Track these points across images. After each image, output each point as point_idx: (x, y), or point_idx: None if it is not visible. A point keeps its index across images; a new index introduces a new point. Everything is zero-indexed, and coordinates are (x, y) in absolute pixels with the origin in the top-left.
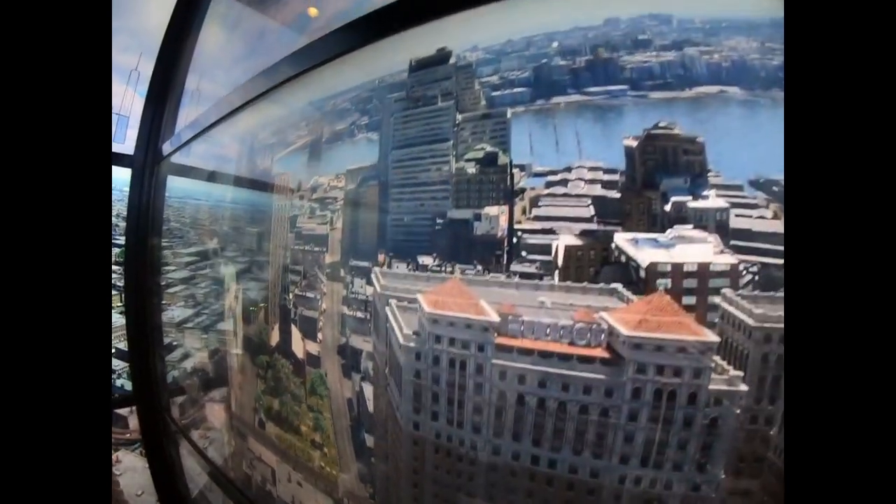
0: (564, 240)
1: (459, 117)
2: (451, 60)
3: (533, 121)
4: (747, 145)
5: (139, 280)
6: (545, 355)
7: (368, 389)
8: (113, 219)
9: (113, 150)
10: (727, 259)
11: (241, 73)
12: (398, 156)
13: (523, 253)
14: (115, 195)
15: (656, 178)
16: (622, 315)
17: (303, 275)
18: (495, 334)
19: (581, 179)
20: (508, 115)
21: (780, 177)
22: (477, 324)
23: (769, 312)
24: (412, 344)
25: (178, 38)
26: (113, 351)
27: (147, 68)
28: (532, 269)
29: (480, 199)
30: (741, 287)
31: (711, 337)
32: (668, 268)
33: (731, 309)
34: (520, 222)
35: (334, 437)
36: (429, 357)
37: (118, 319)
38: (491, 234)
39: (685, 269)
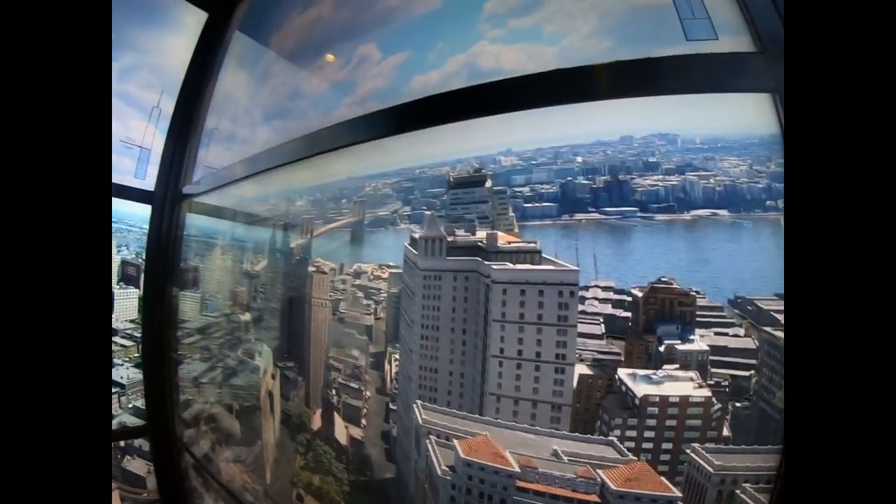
0: (578, 369)
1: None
2: (487, 184)
3: (559, 236)
4: (730, 265)
5: (159, 330)
6: (554, 497)
7: (409, 477)
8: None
9: (134, 186)
10: (703, 392)
11: (261, 116)
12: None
13: None
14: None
15: (654, 325)
16: (612, 474)
17: (347, 363)
18: (516, 480)
19: (595, 298)
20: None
21: (754, 296)
22: (502, 472)
23: (725, 463)
24: (448, 477)
25: (198, 78)
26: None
27: (168, 105)
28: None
29: None
30: (713, 409)
31: (676, 493)
32: (657, 399)
33: (697, 458)
34: None
35: None
36: (462, 489)
37: (135, 375)
38: None
39: (670, 400)
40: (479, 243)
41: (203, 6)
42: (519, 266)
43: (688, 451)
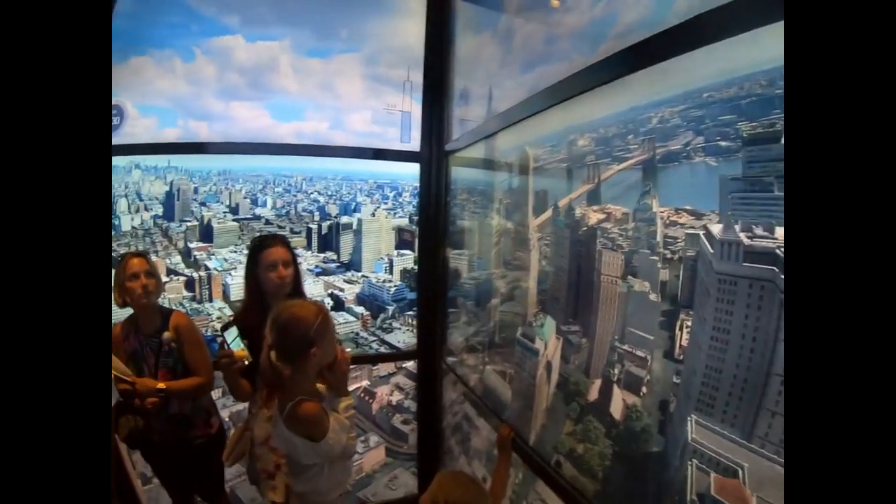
0: None
1: None
2: (782, 140)
3: None
4: None
5: (433, 287)
6: None
7: (672, 458)
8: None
9: (401, 149)
10: None
11: (512, 68)
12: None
13: None
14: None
15: None
16: None
17: (636, 330)
18: None
19: None
20: None
21: None
22: None
23: None
24: None
25: (437, 47)
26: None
27: (417, 78)
28: None
29: None
30: None
31: None
32: None
33: None
34: None
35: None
36: None
37: (410, 340)
38: None
39: None
40: (778, 249)
41: None
42: None
43: None
